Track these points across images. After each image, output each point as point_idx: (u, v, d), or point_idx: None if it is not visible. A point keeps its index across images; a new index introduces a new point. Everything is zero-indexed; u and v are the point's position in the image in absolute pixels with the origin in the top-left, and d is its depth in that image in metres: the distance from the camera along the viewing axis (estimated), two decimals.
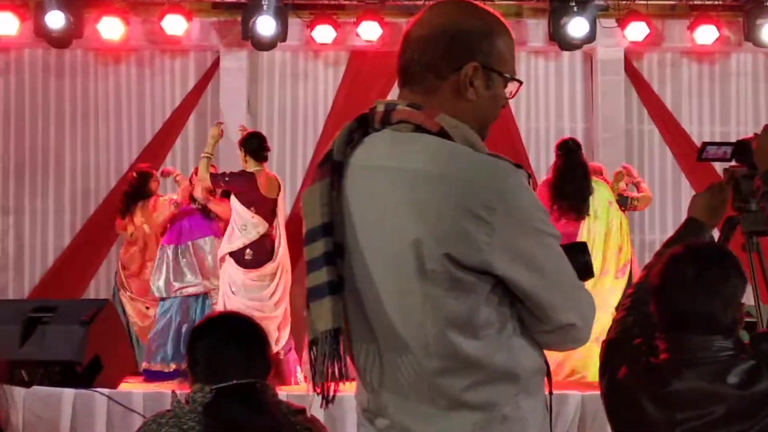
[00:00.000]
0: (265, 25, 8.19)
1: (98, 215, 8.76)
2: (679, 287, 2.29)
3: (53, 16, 8.17)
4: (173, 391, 2.68)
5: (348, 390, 1.97)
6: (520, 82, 1.95)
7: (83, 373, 5.37)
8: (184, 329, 6.82)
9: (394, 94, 7.31)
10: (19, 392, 5.33)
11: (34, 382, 5.35)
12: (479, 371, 1.78)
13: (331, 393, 1.87)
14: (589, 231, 6.84)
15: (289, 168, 8.89)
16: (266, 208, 6.91)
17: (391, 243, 1.80)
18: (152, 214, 7.62)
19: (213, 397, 2.52)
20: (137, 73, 8.97)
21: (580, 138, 8.62)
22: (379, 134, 1.90)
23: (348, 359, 1.90)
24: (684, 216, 8.03)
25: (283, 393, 4.80)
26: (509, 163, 1.80)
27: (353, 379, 1.95)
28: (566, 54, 8.74)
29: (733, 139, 8.51)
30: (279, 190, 7.03)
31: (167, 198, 7.63)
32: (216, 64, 8.91)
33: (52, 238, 8.92)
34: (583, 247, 1.94)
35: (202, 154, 7.02)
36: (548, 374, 1.90)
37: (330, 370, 1.85)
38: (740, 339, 2.29)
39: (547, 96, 8.94)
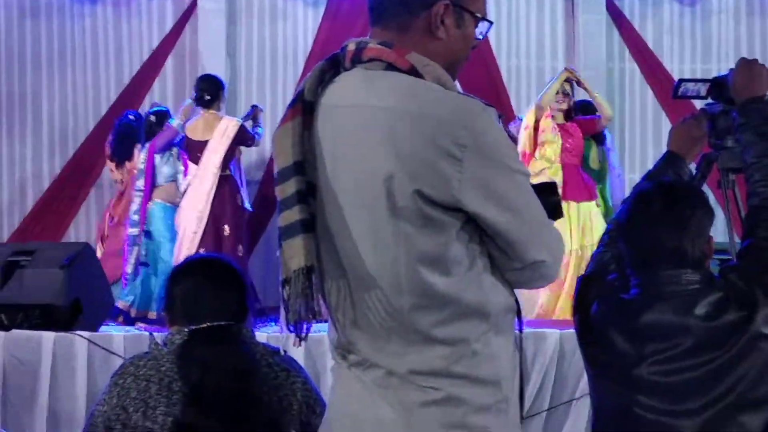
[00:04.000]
0: None
1: (77, 158, 8.69)
2: (647, 223, 2.30)
3: None
4: (151, 334, 2.68)
5: (325, 328, 1.98)
6: (491, 23, 1.95)
7: (63, 316, 5.36)
8: None
9: None
10: None
11: (13, 325, 5.34)
12: (450, 307, 1.80)
13: (304, 331, 1.89)
14: None
15: (269, 109, 8.81)
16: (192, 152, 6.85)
17: (363, 180, 1.81)
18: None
19: (187, 339, 2.53)
20: (114, 14, 8.84)
21: None
22: (350, 73, 1.91)
23: (320, 297, 1.91)
24: (662, 152, 7.93)
25: (262, 335, 4.82)
26: (480, 101, 1.81)
27: (326, 319, 1.96)
28: None
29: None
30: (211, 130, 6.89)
31: None
32: (194, 4, 8.78)
33: (31, 182, 8.85)
34: (552, 187, 1.95)
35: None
36: (518, 313, 1.91)
37: (302, 309, 1.86)
38: (709, 272, 2.31)
39: (528, 35, 8.87)
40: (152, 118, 7.27)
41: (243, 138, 6.94)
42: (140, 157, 7.09)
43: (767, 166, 2.38)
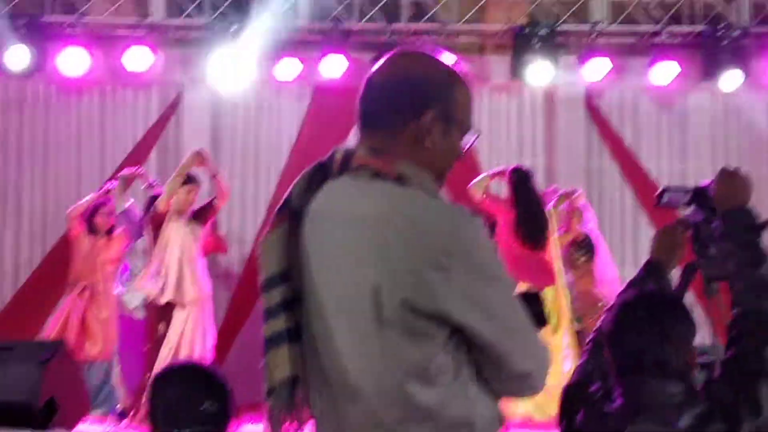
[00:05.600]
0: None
1: (56, 252, 8.64)
2: (631, 332, 2.32)
3: (15, 49, 8.12)
4: None
5: None
6: (478, 134, 1.97)
7: (39, 415, 5.27)
8: None
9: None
10: None
11: None
12: (436, 420, 1.78)
13: None
14: None
15: (251, 202, 8.86)
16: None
17: (350, 290, 1.80)
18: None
19: None
20: (99, 107, 8.91)
21: (541, 174, 8.73)
22: (337, 181, 1.91)
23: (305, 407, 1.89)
24: (643, 251, 8.09)
25: None
26: (466, 210, 1.82)
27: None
28: (528, 91, 8.82)
29: (691, 177, 8.60)
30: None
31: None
32: (179, 98, 8.88)
33: (10, 273, 8.79)
34: (536, 296, 1.96)
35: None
36: (503, 423, 1.90)
37: (286, 420, 1.84)
38: (692, 384, 2.31)
39: (508, 132, 9.01)
40: None
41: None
42: None
43: (750, 275, 2.40)
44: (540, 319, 1.93)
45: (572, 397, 2.43)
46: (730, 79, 8.43)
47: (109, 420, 6.66)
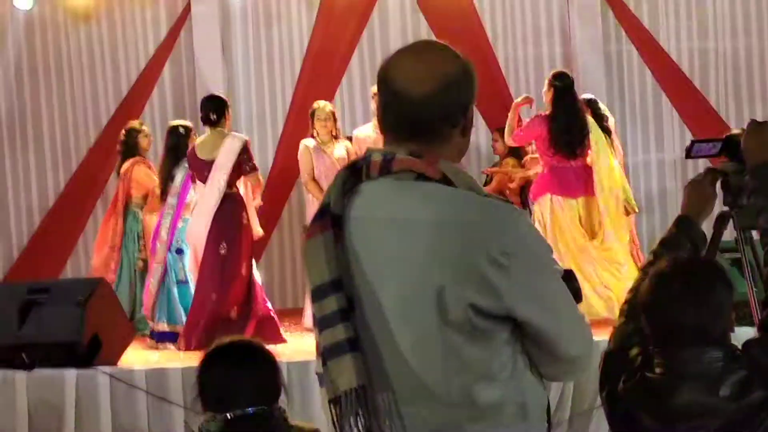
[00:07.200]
0: None
1: (81, 173, 8.70)
2: (667, 302, 2.31)
3: None
4: (186, 422, 2.72)
5: None
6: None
7: (84, 353, 5.41)
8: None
9: (369, 29, 7.28)
10: (21, 376, 5.39)
11: (35, 364, 5.40)
12: (497, 414, 1.85)
13: None
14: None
15: (269, 111, 8.82)
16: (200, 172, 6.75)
17: (411, 294, 1.84)
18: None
19: (223, 427, 2.57)
20: (108, 26, 8.79)
21: (558, 63, 8.60)
22: (378, 183, 1.91)
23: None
24: (666, 135, 8.02)
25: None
26: (513, 205, 1.89)
27: None
28: None
29: (712, 56, 8.38)
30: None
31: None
32: (187, 10, 8.74)
33: (36, 198, 8.85)
34: (571, 274, 1.99)
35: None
36: (548, 408, 1.97)
37: (355, 427, 1.87)
38: (732, 349, 2.32)
39: (523, 22, 8.84)
40: (181, 130, 7.11)
41: (245, 157, 6.67)
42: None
43: None
44: (576, 295, 1.97)
45: (613, 363, 2.46)
46: None
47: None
